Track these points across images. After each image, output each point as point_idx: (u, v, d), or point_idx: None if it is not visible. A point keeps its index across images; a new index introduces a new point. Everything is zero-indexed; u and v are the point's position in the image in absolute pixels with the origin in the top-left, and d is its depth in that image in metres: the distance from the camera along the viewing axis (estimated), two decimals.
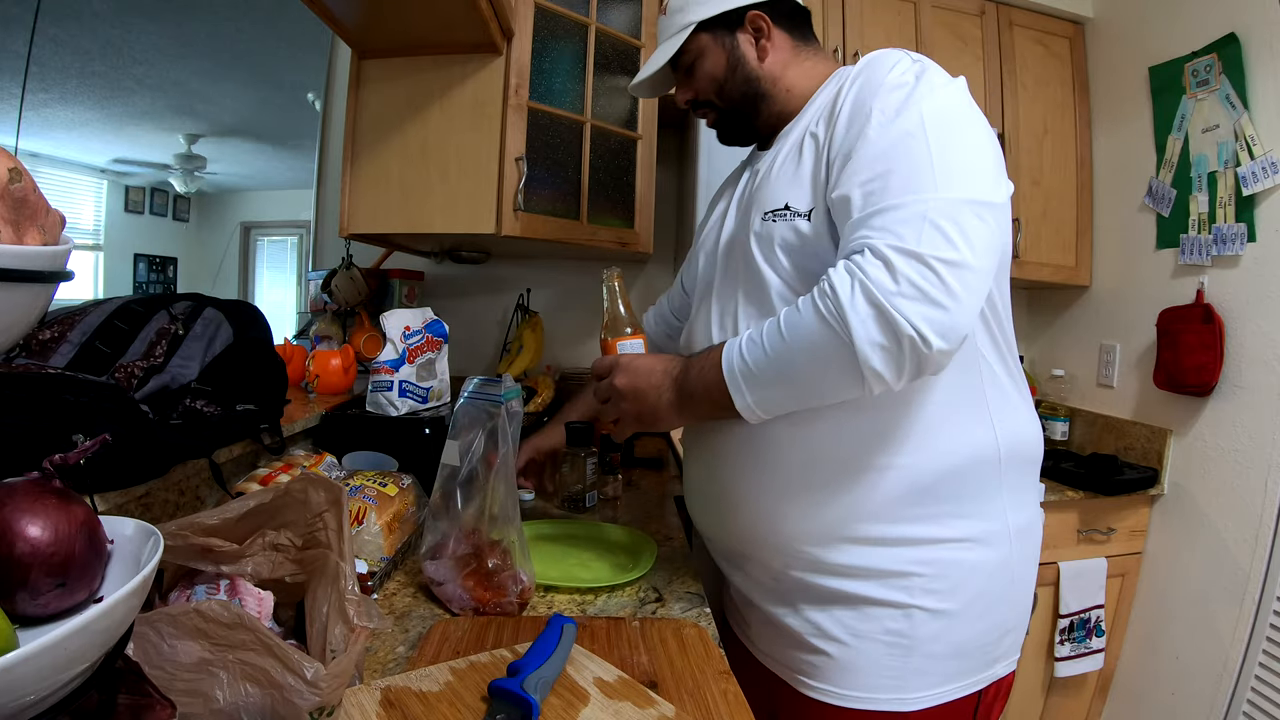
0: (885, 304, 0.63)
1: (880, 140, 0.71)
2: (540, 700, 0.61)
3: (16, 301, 0.49)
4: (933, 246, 0.64)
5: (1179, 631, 1.67)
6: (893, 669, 0.78)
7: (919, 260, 0.63)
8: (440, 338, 1.34)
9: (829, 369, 0.67)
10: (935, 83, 0.73)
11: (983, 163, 0.70)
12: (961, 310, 0.64)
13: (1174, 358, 1.68)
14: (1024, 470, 0.83)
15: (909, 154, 0.69)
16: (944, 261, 0.63)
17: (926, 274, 0.63)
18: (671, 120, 1.91)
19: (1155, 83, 1.78)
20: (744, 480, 0.83)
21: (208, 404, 0.89)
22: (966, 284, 0.64)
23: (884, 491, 0.77)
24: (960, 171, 0.68)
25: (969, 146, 0.71)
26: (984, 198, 0.67)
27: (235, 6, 3.01)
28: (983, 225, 0.66)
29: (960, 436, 0.78)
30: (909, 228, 0.65)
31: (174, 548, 0.60)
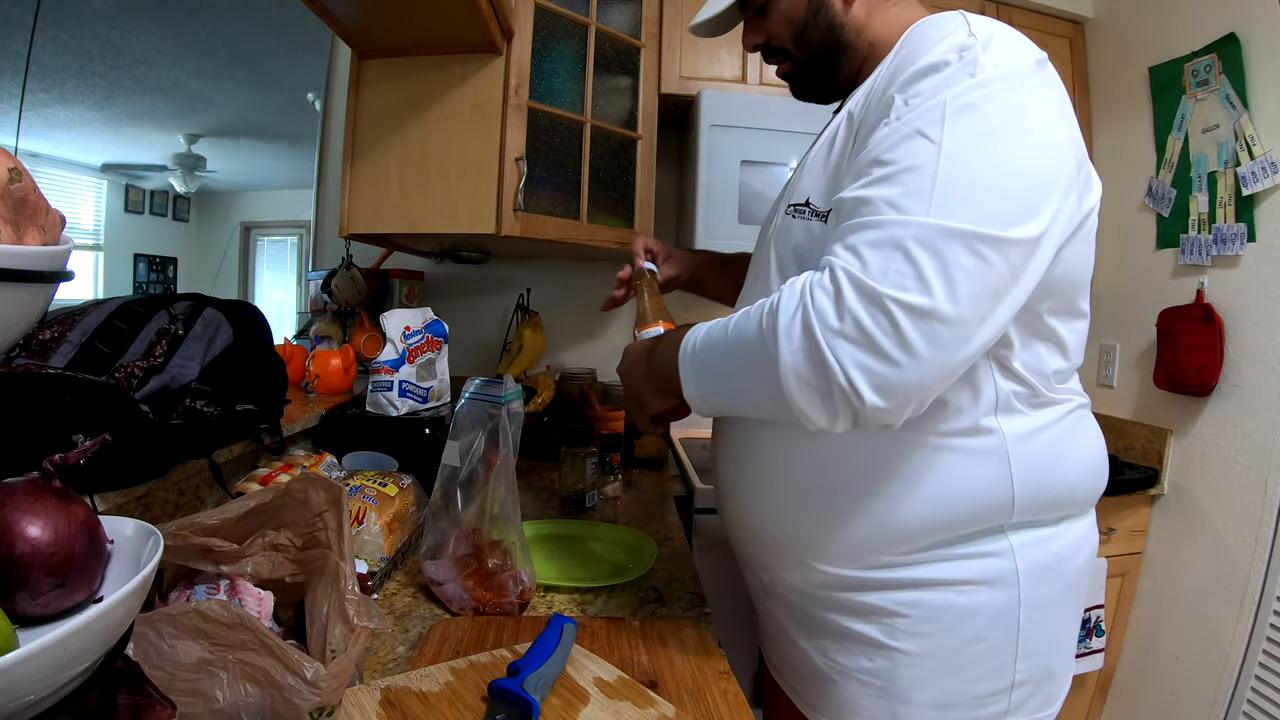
0: (821, 341, 0.53)
1: (888, 138, 0.59)
2: (540, 700, 0.61)
3: (16, 301, 0.49)
4: (897, 285, 0.52)
5: (1179, 631, 1.67)
6: (874, 710, 0.72)
7: (873, 299, 0.52)
8: (440, 338, 1.34)
9: (759, 388, 0.59)
10: (984, 67, 0.57)
11: (1014, 184, 0.56)
12: (918, 368, 0.52)
13: (1174, 358, 1.67)
14: (1050, 508, 0.70)
15: (911, 160, 0.56)
16: (904, 306, 0.52)
17: (878, 317, 0.52)
18: (671, 120, 1.91)
19: (1155, 83, 1.78)
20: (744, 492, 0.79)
21: (208, 404, 0.89)
22: (933, 337, 0.52)
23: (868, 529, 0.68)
24: (971, 193, 0.54)
25: (1001, 159, 0.56)
26: (993, 231, 0.53)
27: (235, 6, 3.01)
28: (980, 266, 0.53)
29: (964, 488, 0.66)
30: (877, 254, 0.54)
31: (174, 548, 0.60)
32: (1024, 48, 0.61)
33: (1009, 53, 0.59)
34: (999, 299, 0.55)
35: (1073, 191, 0.61)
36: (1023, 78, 0.58)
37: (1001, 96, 0.57)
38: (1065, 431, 0.70)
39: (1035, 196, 0.56)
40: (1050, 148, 0.58)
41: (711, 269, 1.11)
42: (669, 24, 1.74)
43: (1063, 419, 0.70)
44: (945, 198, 0.54)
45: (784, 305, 0.57)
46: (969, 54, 0.58)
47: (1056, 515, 0.71)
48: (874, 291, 0.52)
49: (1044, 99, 0.60)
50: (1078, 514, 0.74)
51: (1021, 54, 0.60)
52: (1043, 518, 0.70)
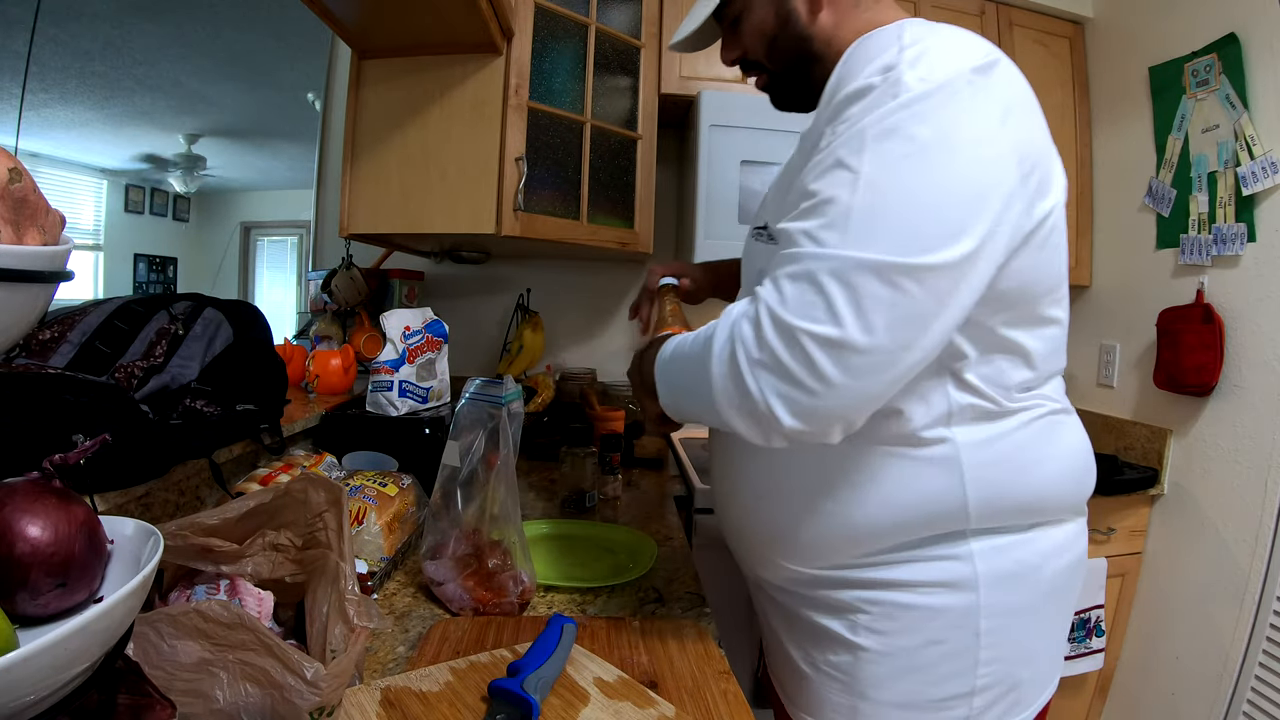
0: (744, 370, 0.57)
1: (814, 169, 0.60)
2: (540, 700, 0.61)
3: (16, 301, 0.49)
4: (808, 317, 0.54)
5: (1179, 631, 1.67)
6: (839, 704, 0.74)
7: (786, 332, 0.54)
8: (440, 338, 1.34)
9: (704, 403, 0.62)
10: (908, 86, 0.56)
11: (934, 208, 0.55)
12: (835, 396, 0.54)
13: (1174, 358, 1.67)
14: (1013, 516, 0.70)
15: (830, 191, 0.57)
16: (815, 338, 0.53)
17: (793, 349, 0.54)
18: (671, 120, 1.91)
19: (1155, 83, 1.78)
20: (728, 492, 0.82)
21: (208, 404, 0.89)
22: (847, 366, 0.53)
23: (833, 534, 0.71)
24: (887, 222, 0.54)
25: (920, 184, 0.55)
26: (909, 260, 0.53)
27: (235, 7, 3.01)
28: (896, 295, 0.53)
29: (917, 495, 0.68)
30: (793, 287, 0.55)
31: (174, 548, 0.60)
32: (958, 57, 0.58)
33: (939, 66, 0.57)
34: (924, 325, 0.55)
35: (1016, 202, 0.59)
36: (953, 91, 0.57)
37: (927, 116, 0.56)
38: (1033, 438, 0.70)
39: (960, 217, 0.55)
40: (981, 163, 0.57)
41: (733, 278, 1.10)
42: (669, 24, 1.74)
43: (1027, 426, 0.70)
44: (860, 228, 0.55)
45: (719, 333, 0.60)
46: (893, 74, 0.57)
47: (1025, 522, 0.71)
48: (787, 324, 0.55)
49: (979, 110, 0.57)
50: (1053, 521, 0.73)
51: (954, 64, 0.58)
52: (1008, 524, 0.70)
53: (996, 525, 0.69)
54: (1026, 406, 0.70)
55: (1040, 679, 0.75)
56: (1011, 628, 0.70)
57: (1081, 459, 0.75)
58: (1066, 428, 0.74)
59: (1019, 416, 0.69)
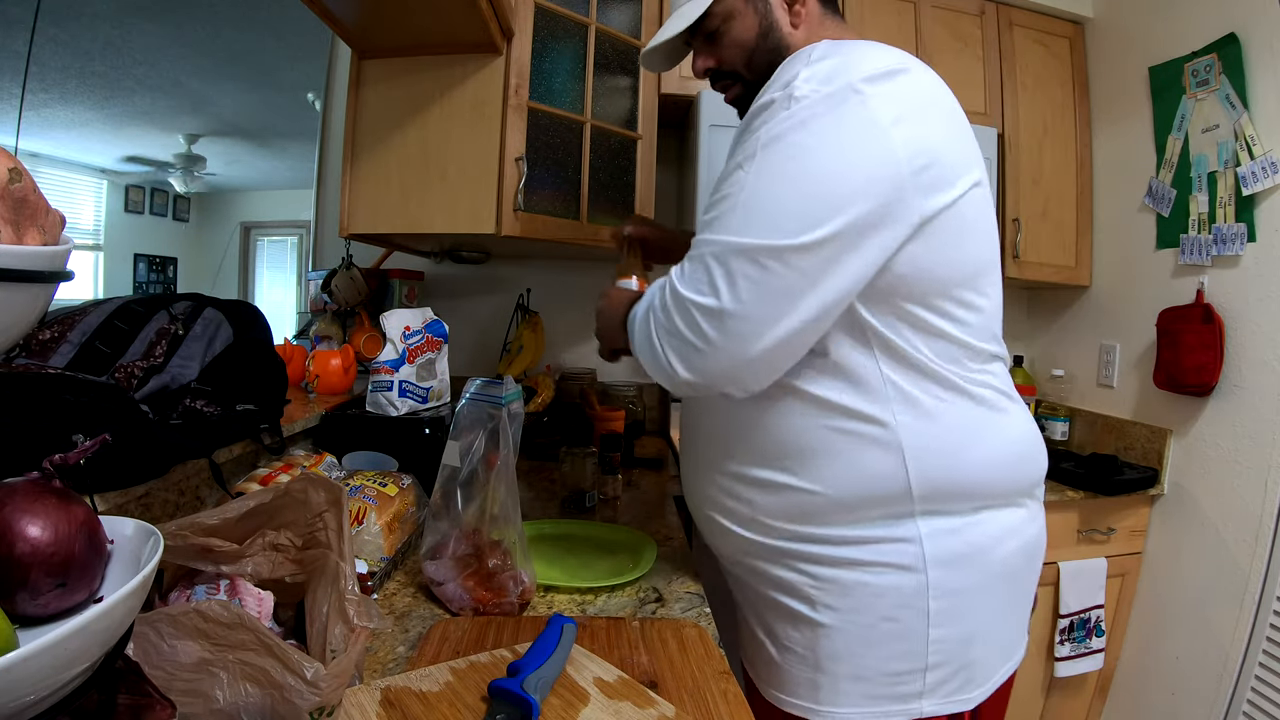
0: (652, 330, 0.71)
1: (725, 168, 0.72)
2: (540, 700, 0.61)
3: (16, 301, 0.49)
4: (694, 290, 0.67)
5: (1179, 631, 1.67)
6: (803, 678, 0.79)
7: (678, 301, 0.68)
8: (440, 338, 1.34)
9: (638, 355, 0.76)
10: (798, 98, 0.66)
11: (799, 200, 0.64)
12: (716, 354, 0.67)
13: (1174, 358, 1.67)
14: (960, 500, 0.75)
15: (728, 190, 0.69)
16: (697, 307, 0.67)
17: (684, 314, 0.68)
18: (671, 120, 1.91)
19: (1155, 83, 1.78)
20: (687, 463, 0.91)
21: (208, 404, 0.89)
22: (725, 330, 0.65)
23: (784, 505, 0.77)
24: (762, 213, 0.65)
25: (791, 180, 0.65)
26: (773, 242, 0.64)
27: (235, 7, 3.01)
28: (762, 273, 0.64)
29: (860, 473, 0.73)
30: (690, 266, 0.69)
31: (174, 548, 0.60)
32: (852, 69, 0.66)
33: (831, 78, 0.66)
34: (792, 299, 0.65)
35: (903, 195, 0.66)
36: (838, 100, 0.65)
37: (808, 123, 0.65)
38: (969, 424, 0.75)
39: (823, 208, 0.64)
40: (855, 162, 0.65)
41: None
42: None
43: (964, 412, 0.74)
44: (740, 220, 0.66)
45: (640, 307, 0.75)
46: (790, 88, 0.67)
47: (969, 505, 0.75)
48: (680, 296, 0.69)
49: (862, 115, 0.65)
50: (999, 504, 0.77)
51: (845, 76, 0.66)
52: (952, 507, 0.75)
53: (941, 507, 0.74)
54: (961, 390, 0.74)
55: (993, 658, 0.79)
56: (961, 608, 0.75)
57: (1021, 445, 0.79)
58: (1007, 415, 0.78)
59: (955, 402, 0.74)
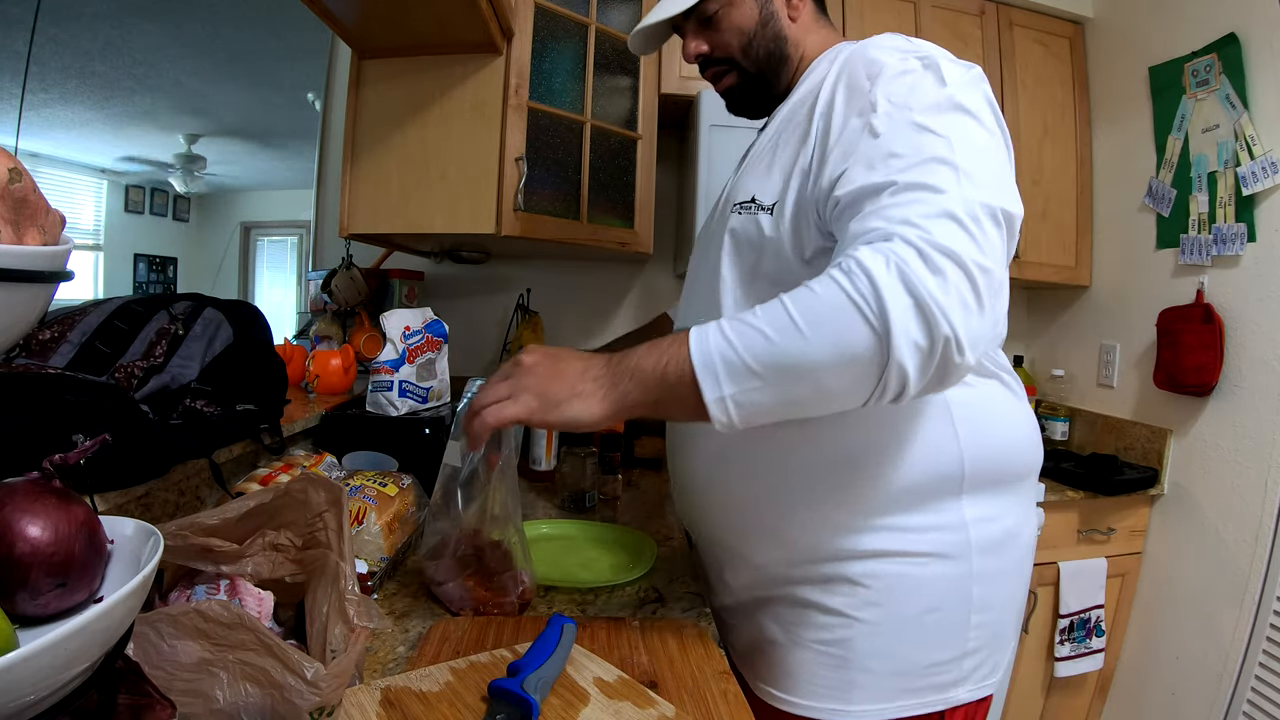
0: (926, 298, 0.54)
1: (890, 131, 0.63)
2: (540, 700, 0.61)
3: (16, 301, 0.49)
4: (964, 247, 0.56)
5: (1179, 631, 1.67)
6: (832, 680, 0.76)
7: (954, 259, 0.56)
8: (440, 338, 1.34)
9: (851, 365, 0.56)
10: (950, 75, 0.66)
11: (1004, 167, 0.65)
12: (988, 320, 0.57)
13: (1174, 358, 1.67)
14: (997, 482, 0.76)
15: (923, 147, 0.61)
16: (977, 265, 0.56)
17: (961, 275, 0.56)
18: (671, 120, 1.91)
19: (1155, 83, 1.78)
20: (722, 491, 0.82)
21: (208, 404, 0.89)
22: (994, 291, 0.58)
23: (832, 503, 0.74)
24: (980, 172, 0.61)
25: (985, 148, 0.64)
26: (1006, 205, 0.60)
27: (235, 7, 3.01)
28: (1000, 234, 0.60)
29: (919, 450, 0.73)
30: (937, 225, 0.57)
31: (174, 548, 0.60)
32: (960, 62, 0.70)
33: (955, 65, 0.69)
34: (1006, 263, 0.62)
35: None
36: (976, 81, 0.68)
37: (974, 97, 0.66)
38: (1000, 398, 0.77)
39: (1012, 179, 0.65)
40: (1006, 140, 0.68)
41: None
42: None
43: (993, 386, 0.77)
44: (965, 176, 0.60)
45: (873, 267, 0.56)
46: (929, 62, 0.67)
47: (1004, 486, 0.77)
48: (953, 251, 0.56)
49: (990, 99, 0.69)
50: (1022, 486, 0.80)
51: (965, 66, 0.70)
52: (992, 488, 0.75)
53: (984, 488, 0.75)
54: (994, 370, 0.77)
55: (1008, 644, 0.81)
56: (998, 591, 0.76)
57: (1032, 426, 0.82)
58: (1020, 397, 0.81)
59: (986, 377, 0.77)
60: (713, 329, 0.60)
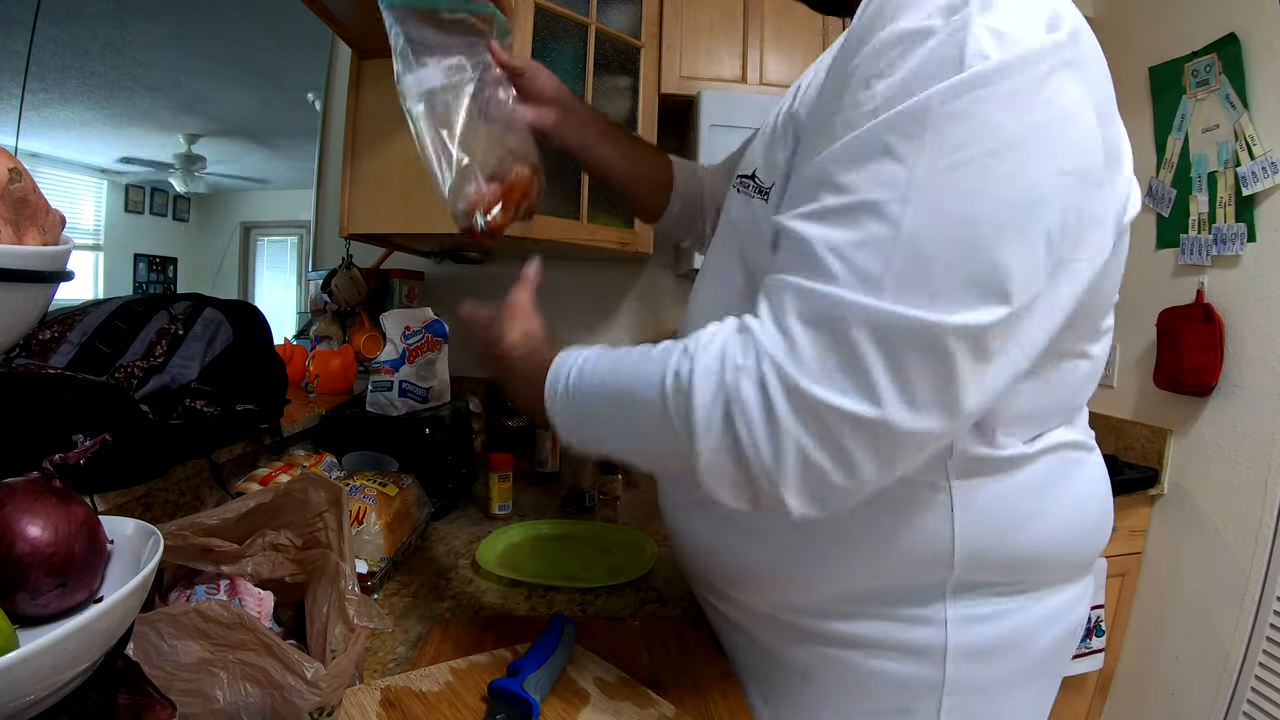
0: (746, 449, 0.43)
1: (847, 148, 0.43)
2: (540, 700, 0.61)
3: (16, 301, 0.49)
4: (837, 391, 0.40)
5: (1179, 631, 1.67)
6: None
7: (807, 409, 0.41)
8: (440, 338, 1.34)
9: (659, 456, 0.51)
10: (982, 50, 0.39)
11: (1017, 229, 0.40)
12: (860, 485, 0.43)
13: (1174, 358, 1.67)
14: (1004, 570, 0.58)
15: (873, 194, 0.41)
16: (845, 418, 0.41)
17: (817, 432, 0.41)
18: (671, 120, 1.91)
19: (1155, 83, 1.78)
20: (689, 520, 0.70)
21: (208, 404, 0.89)
22: (879, 452, 0.42)
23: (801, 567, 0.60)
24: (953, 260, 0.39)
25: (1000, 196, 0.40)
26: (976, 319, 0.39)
27: (235, 7, 3.01)
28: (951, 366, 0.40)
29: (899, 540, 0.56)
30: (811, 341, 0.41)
31: (174, 548, 0.60)
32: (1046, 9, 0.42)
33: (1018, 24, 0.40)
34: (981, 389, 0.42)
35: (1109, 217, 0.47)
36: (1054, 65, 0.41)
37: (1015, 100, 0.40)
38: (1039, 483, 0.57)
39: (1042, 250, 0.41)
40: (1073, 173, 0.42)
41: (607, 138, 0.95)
42: (669, 24, 1.74)
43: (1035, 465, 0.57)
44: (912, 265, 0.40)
45: (698, 386, 0.45)
46: (958, 19, 0.40)
47: (1015, 580, 0.59)
48: (810, 399, 0.41)
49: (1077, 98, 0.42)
50: (1050, 584, 0.61)
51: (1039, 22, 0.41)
52: (995, 580, 0.58)
53: (982, 580, 0.58)
54: (1049, 448, 0.58)
55: None
56: (980, 708, 0.60)
57: (1094, 508, 0.62)
58: (1084, 468, 0.61)
59: (1036, 463, 0.57)
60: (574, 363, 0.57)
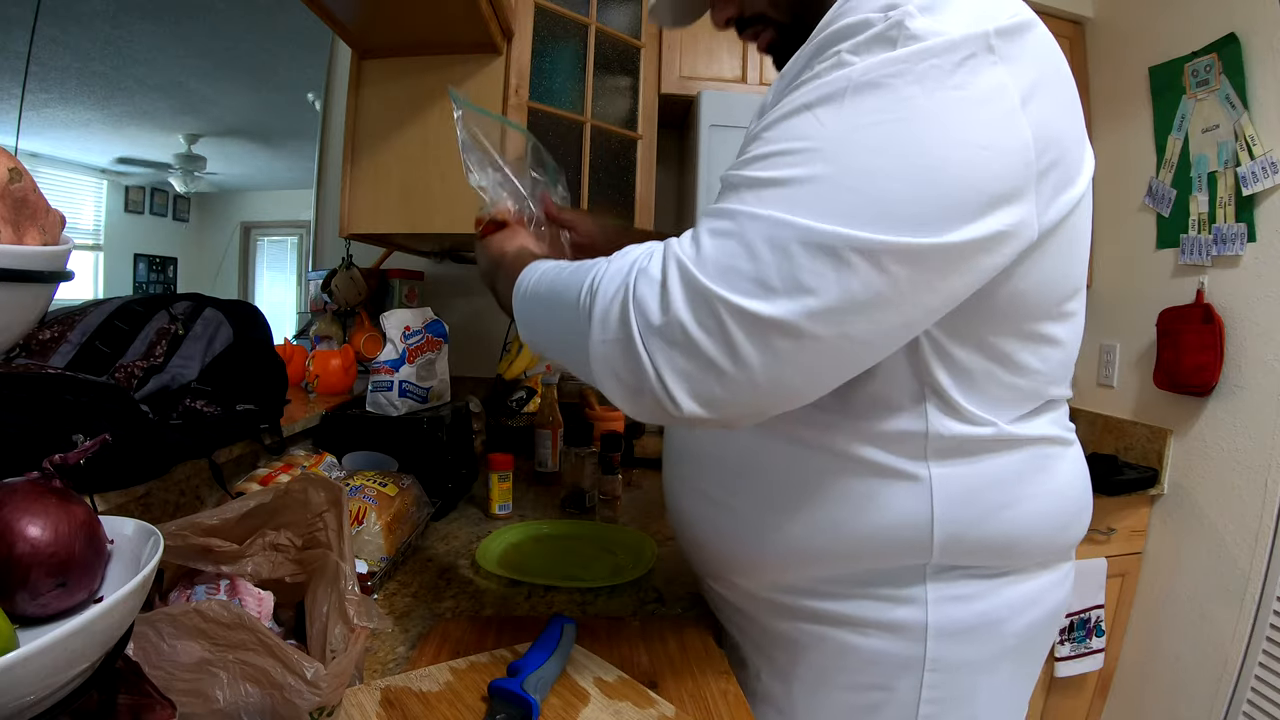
0: (636, 339, 0.46)
1: (776, 111, 0.49)
2: (540, 700, 0.61)
3: (16, 301, 0.49)
4: (732, 289, 0.44)
5: (1179, 631, 1.67)
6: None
7: (700, 297, 0.44)
8: (440, 338, 1.34)
9: (574, 358, 0.53)
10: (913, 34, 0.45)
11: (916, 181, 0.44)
12: (749, 383, 0.45)
13: (1174, 358, 1.68)
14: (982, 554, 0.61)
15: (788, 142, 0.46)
16: (739, 314, 0.44)
17: (706, 320, 0.44)
18: (671, 120, 1.91)
19: (1155, 83, 1.78)
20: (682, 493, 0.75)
21: (208, 404, 0.89)
22: (774, 350, 0.44)
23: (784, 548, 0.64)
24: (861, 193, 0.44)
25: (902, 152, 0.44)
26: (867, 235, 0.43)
27: (235, 7, 3.01)
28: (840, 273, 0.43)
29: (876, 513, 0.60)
30: (715, 245, 0.45)
31: (174, 548, 0.60)
32: (980, 10, 0.47)
33: (955, 17, 0.46)
34: (872, 314, 0.45)
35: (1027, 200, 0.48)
36: (968, 53, 0.45)
37: (927, 76, 0.44)
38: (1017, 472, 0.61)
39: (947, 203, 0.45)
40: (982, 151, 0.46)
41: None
42: None
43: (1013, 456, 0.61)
44: (827, 194, 0.44)
45: (604, 284, 0.49)
46: (896, 14, 0.46)
47: (995, 565, 0.62)
48: (704, 289, 0.44)
49: (995, 83, 0.46)
50: (1028, 568, 0.64)
51: (974, 18, 0.46)
52: (974, 565, 0.62)
53: (961, 564, 0.61)
54: (1028, 437, 0.61)
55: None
56: (961, 686, 0.63)
57: (1072, 499, 0.66)
58: (1062, 462, 0.64)
59: (1015, 452, 0.61)
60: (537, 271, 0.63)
